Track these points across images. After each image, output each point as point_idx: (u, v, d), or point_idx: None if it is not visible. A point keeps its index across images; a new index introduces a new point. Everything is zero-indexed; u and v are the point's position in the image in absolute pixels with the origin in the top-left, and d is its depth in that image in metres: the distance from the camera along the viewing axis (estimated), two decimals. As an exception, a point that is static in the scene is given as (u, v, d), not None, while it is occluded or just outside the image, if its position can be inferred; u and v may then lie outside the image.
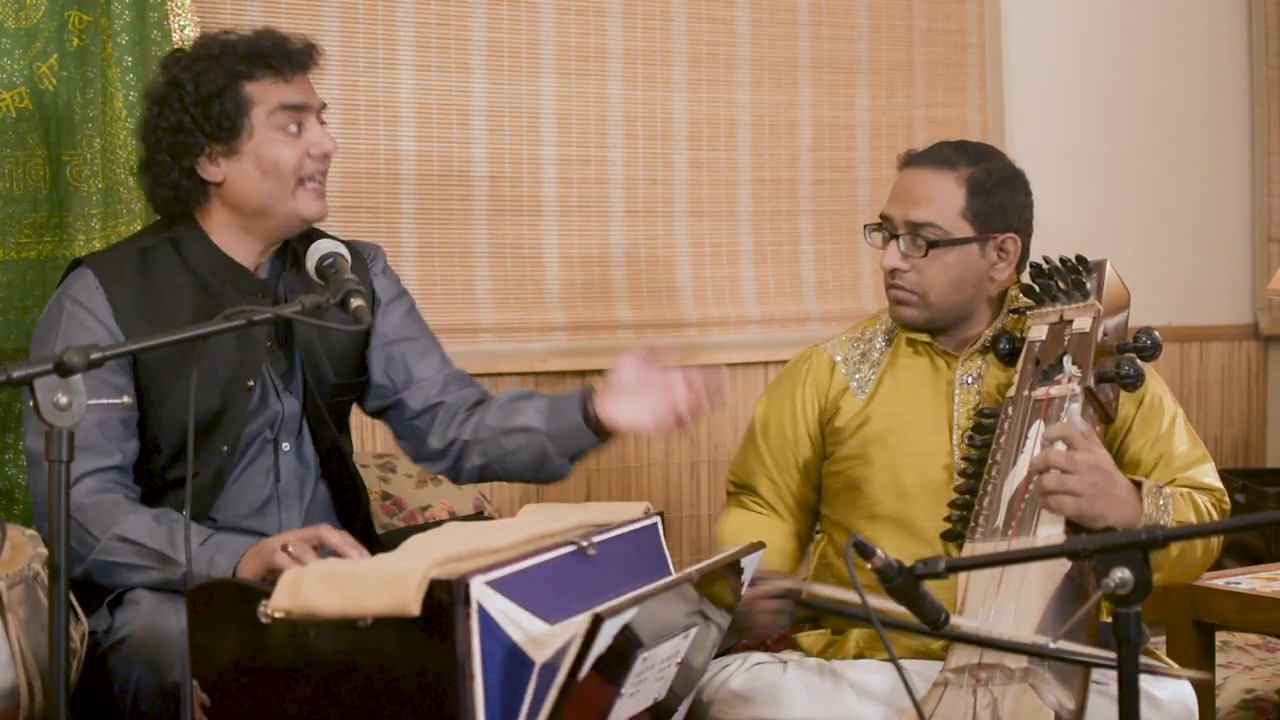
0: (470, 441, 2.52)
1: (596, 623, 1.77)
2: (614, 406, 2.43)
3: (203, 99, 2.37)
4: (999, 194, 2.56)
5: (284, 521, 2.45)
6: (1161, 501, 2.37)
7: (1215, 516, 2.48)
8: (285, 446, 2.47)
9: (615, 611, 1.80)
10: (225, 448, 2.41)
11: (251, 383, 2.42)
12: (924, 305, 2.56)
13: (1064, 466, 2.29)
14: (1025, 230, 2.60)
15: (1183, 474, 2.51)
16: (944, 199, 2.54)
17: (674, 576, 2.10)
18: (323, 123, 2.46)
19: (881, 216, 2.60)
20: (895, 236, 2.56)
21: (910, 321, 2.60)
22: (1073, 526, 2.32)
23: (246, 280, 2.43)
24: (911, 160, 2.62)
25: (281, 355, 2.47)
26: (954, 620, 1.99)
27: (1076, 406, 2.40)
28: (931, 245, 2.52)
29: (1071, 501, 2.28)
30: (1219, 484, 2.54)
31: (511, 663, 1.85)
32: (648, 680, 2.00)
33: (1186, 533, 2.15)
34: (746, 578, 2.27)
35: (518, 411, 2.51)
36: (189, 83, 2.39)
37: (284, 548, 2.14)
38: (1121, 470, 2.43)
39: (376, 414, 2.64)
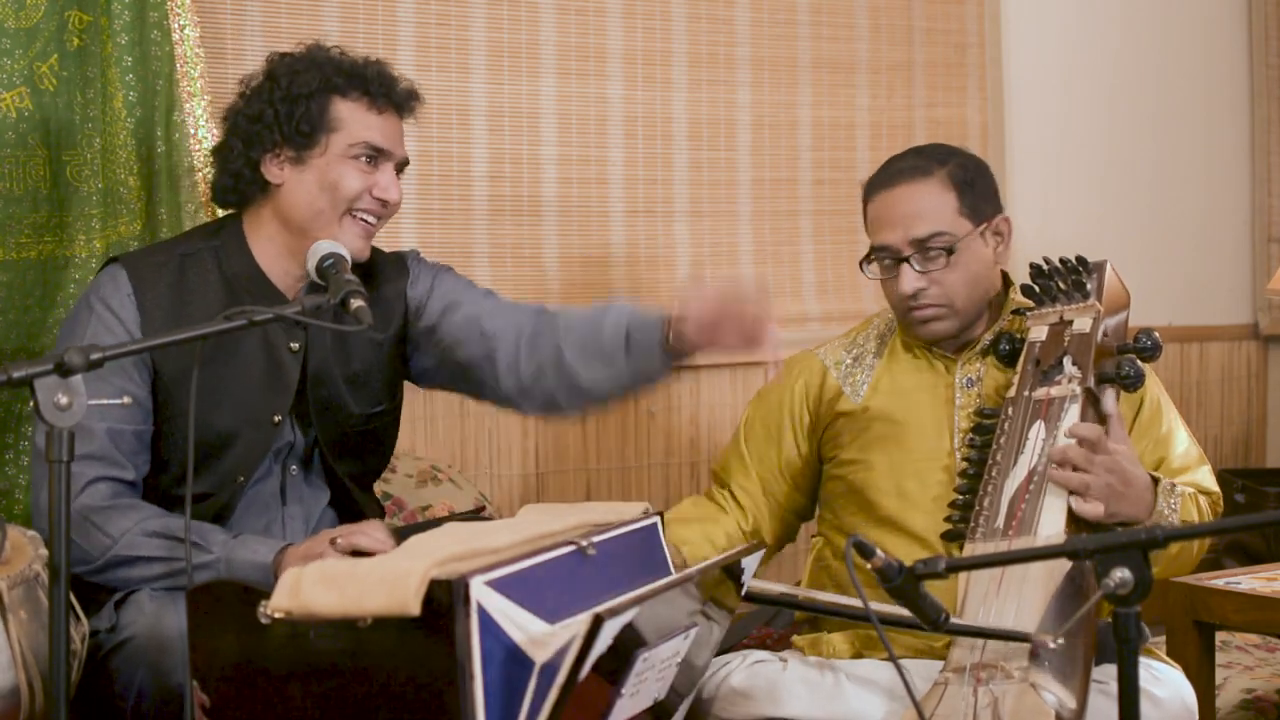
0: (555, 390, 2.45)
1: (597, 623, 1.77)
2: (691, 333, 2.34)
3: (291, 97, 2.37)
4: (980, 182, 2.58)
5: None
6: (1173, 501, 2.40)
7: (1210, 519, 2.49)
8: (293, 469, 2.46)
9: (616, 611, 1.80)
10: (241, 478, 2.39)
11: (279, 418, 2.40)
12: (953, 315, 2.56)
13: (1082, 465, 2.31)
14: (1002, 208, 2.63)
15: (1180, 477, 2.51)
16: (939, 205, 2.53)
17: (674, 576, 2.10)
18: (401, 175, 2.45)
19: (876, 248, 2.57)
20: (902, 260, 2.54)
21: (941, 336, 2.58)
22: (1074, 525, 2.33)
23: (281, 303, 2.37)
24: (882, 184, 2.58)
25: (298, 387, 2.44)
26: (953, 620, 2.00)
27: (1076, 407, 2.40)
28: (949, 253, 2.51)
29: (1090, 506, 2.31)
30: (1216, 487, 2.56)
31: (511, 663, 1.85)
32: (648, 680, 2.00)
33: (1186, 533, 2.16)
34: (747, 578, 2.27)
35: (601, 354, 2.39)
36: (284, 78, 2.39)
37: (332, 541, 2.14)
38: None
39: (442, 386, 2.61)
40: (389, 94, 2.42)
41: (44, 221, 2.76)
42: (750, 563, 2.26)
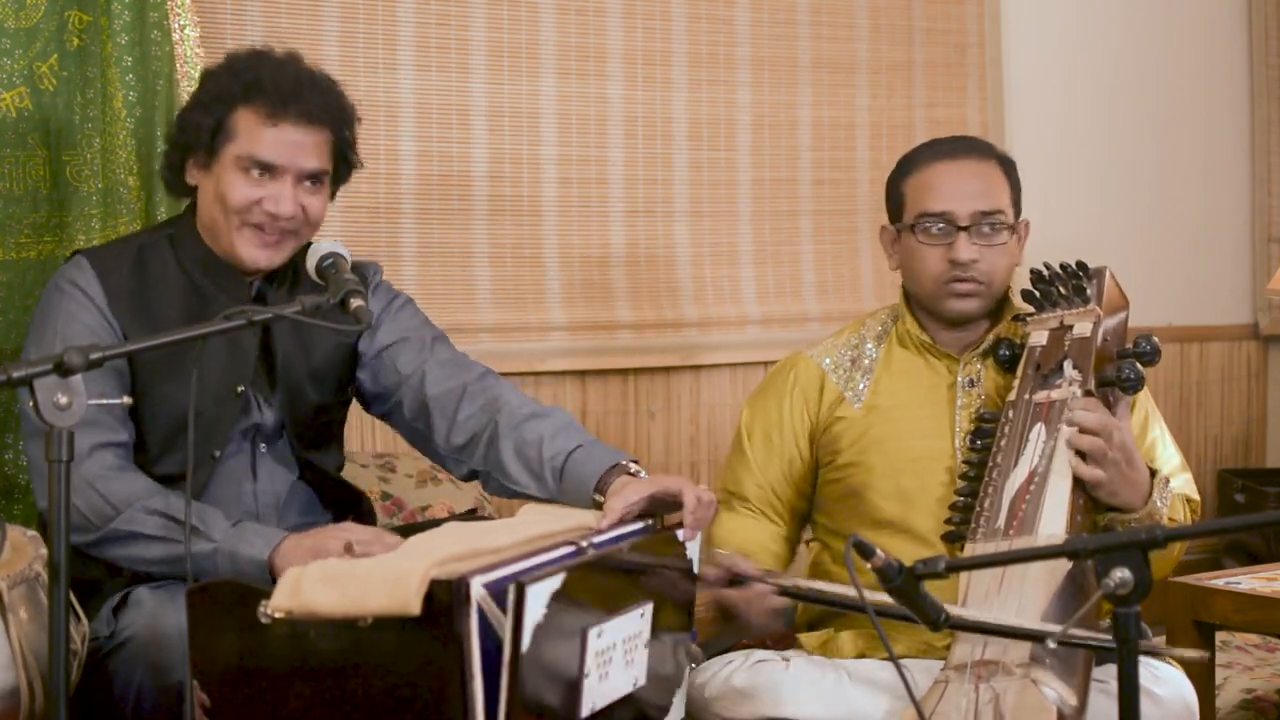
0: (482, 471, 2.47)
1: (520, 590, 1.79)
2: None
3: (200, 104, 2.41)
4: (1018, 181, 2.65)
5: (260, 519, 2.43)
6: (1165, 495, 2.42)
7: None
8: (263, 448, 2.48)
9: (539, 578, 1.82)
10: (216, 452, 2.41)
11: (241, 389, 2.42)
12: (988, 295, 2.59)
13: (1104, 438, 2.33)
14: None
15: None
16: (1000, 187, 2.60)
17: (610, 545, 2.10)
18: (318, 185, 2.40)
19: (929, 215, 2.56)
20: (962, 229, 2.55)
21: (973, 314, 2.60)
22: (1075, 525, 2.33)
23: (238, 286, 2.43)
24: (944, 155, 2.61)
25: (264, 369, 2.47)
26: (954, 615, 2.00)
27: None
28: (1009, 230, 2.57)
29: (1104, 477, 2.34)
30: (1196, 495, 2.60)
31: (511, 662, 1.85)
32: (614, 661, 1.99)
33: (1185, 533, 2.16)
34: (693, 552, 2.27)
35: (536, 477, 2.39)
36: (203, 84, 2.44)
37: (348, 548, 2.13)
38: None
39: (381, 418, 2.64)
40: (287, 104, 2.35)
41: (44, 221, 2.76)
42: (694, 548, 2.26)
